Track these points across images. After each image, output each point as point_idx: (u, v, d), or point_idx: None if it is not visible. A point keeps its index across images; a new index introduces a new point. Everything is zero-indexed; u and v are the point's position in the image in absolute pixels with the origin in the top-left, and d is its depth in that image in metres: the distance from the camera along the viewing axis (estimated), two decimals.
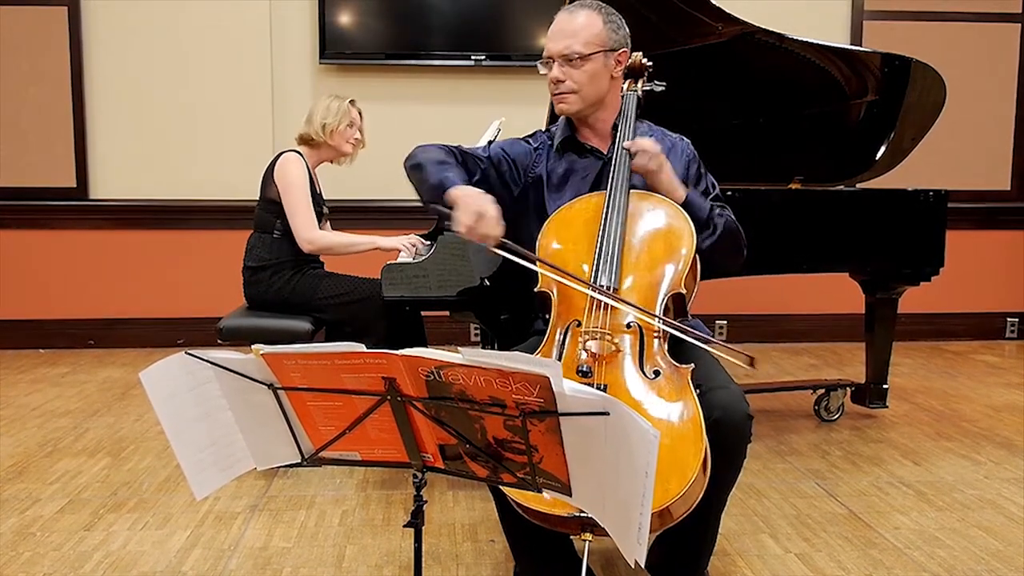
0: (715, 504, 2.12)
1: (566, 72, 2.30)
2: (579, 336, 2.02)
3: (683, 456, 1.82)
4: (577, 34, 2.28)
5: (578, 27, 2.29)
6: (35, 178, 5.36)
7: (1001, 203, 5.87)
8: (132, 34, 5.30)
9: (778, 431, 3.89)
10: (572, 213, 2.26)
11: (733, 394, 2.04)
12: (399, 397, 1.51)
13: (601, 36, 2.30)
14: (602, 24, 2.30)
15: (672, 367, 1.98)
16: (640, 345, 2.01)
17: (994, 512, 3.00)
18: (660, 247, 2.17)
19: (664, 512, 1.77)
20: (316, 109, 3.71)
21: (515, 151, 2.45)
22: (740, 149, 3.88)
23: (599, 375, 1.95)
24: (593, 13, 2.32)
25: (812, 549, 2.70)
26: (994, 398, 4.49)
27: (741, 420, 2.02)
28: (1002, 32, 5.74)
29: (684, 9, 3.42)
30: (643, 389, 1.95)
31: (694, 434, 1.85)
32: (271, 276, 3.57)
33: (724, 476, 2.04)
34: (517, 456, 1.51)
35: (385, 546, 2.72)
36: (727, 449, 1.98)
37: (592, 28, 2.29)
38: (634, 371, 1.98)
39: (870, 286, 3.93)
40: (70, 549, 2.67)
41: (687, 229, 2.18)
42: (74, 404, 4.25)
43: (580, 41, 2.28)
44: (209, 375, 1.59)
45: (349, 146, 3.75)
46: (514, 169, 2.42)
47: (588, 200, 2.28)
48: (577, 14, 2.31)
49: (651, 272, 2.13)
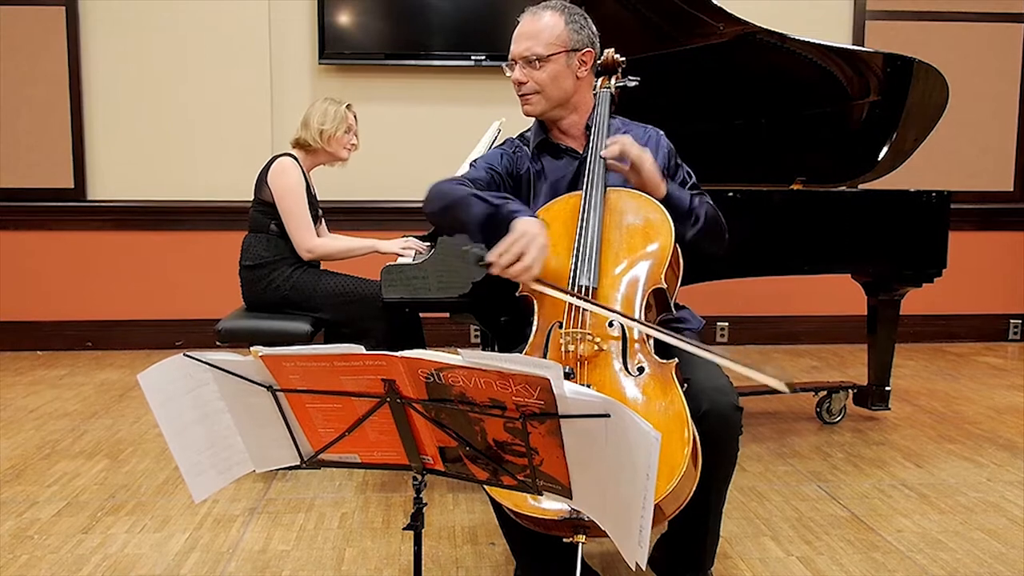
0: (712, 499, 2.11)
1: (528, 73, 2.31)
2: (560, 337, 2.01)
3: (669, 452, 1.79)
4: (538, 36, 2.30)
5: (539, 29, 2.31)
6: (33, 179, 5.35)
7: (1004, 204, 5.86)
8: (130, 34, 5.29)
9: (780, 433, 3.87)
10: (549, 215, 2.24)
11: (721, 386, 2.03)
12: (399, 399, 1.50)
13: (563, 37, 2.30)
14: (564, 25, 2.31)
15: (656, 363, 1.96)
16: (623, 343, 2.00)
17: (997, 515, 2.99)
18: (638, 243, 2.15)
19: (657, 510, 1.73)
20: (313, 114, 3.68)
21: (498, 164, 2.44)
22: (742, 150, 3.87)
23: (581, 375, 1.95)
24: (556, 14, 2.32)
25: (814, 552, 2.69)
26: (997, 400, 4.47)
27: (729, 411, 2.01)
28: (1005, 32, 5.73)
29: (685, 9, 3.41)
30: (627, 387, 1.93)
31: (679, 428, 1.82)
32: (270, 273, 3.56)
33: (717, 469, 2.03)
34: (517, 458, 1.51)
35: (385, 549, 2.71)
36: (717, 441, 1.97)
37: (554, 30, 2.30)
38: (618, 369, 1.96)
39: (872, 288, 3.92)
40: (68, 552, 2.65)
41: (665, 223, 2.16)
42: (72, 406, 4.23)
43: (541, 43, 2.29)
44: (207, 377, 1.59)
45: (346, 152, 3.75)
46: (505, 181, 2.42)
47: (565, 201, 2.27)
48: (539, 15, 2.33)
49: (630, 269, 2.12)
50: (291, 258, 3.60)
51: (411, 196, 5.22)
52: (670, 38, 3.52)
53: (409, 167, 5.31)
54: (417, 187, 5.68)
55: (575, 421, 1.42)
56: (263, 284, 3.57)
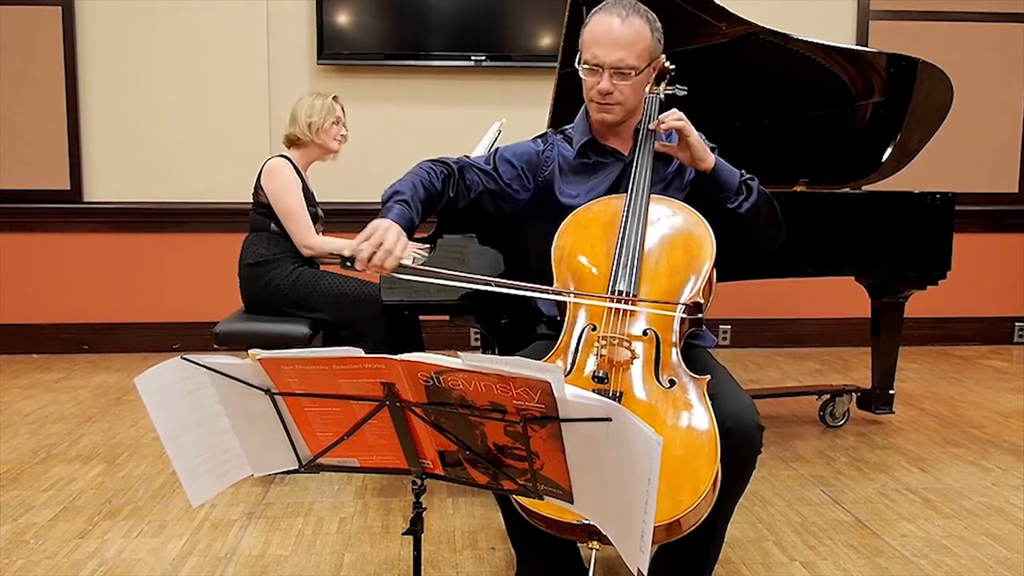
0: (721, 515, 2.10)
1: (616, 84, 2.23)
2: (594, 341, 2.01)
3: (697, 469, 1.80)
4: (632, 46, 2.20)
5: (632, 39, 2.19)
6: (28, 180, 5.32)
7: (1009, 206, 5.84)
8: (127, 34, 5.27)
9: (783, 437, 3.85)
10: (590, 214, 2.23)
11: (744, 405, 2.01)
12: (398, 402, 1.50)
13: (650, 48, 2.23)
14: (651, 35, 2.23)
15: (689, 377, 1.96)
16: (656, 353, 1.99)
17: (1002, 519, 2.98)
18: (680, 254, 2.15)
19: (673, 525, 1.75)
20: (299, 108, 3.70)
21: (523, 156, 2.39)
22: (744, 151, 3.82)
23: (614, 382, 1.94)
24: (643, 23, 2.22)
25: (817, 557, 2.68)
26: (1002, 404, 4.45)
27: (752, 430, 2.00)
28: (1010, 32, 5.72)
29: (687, 8, 3.38)
30: (658, 398, 1.93)
31: (710, 449, 1.82)
32: (270, 271, 3.55)
33: (732, 487, 2.01)
34: (518, 462, 1.51)
35: (384, 554, 2.69)
36: (737, 460, 1.96)
37: (644, 41, 2.21)
38: (649, 380, 1.96)
39: (876, 290, 3.90)
40: (64, 557, 2.64)
41: (707, 237, 2.15)
42: (68, 410, 4.21)
43: (634, 54, 2.20)
44: (205, 380, 1.58)
45: (336, 143, 3.75)
46: (524, 174, 2.37)
47: (607, 202, 2.25)
48: (629, 23, 2.20)
49: (670, 279, 2.11)
50: (291, 256, 3.59)
51: None
52: (671, 38, 3.48)
53: (408, 168, 5.25)
54: None
55: (576, 425, 1.41)
56: (262, 282, 3.55)
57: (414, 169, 2.32)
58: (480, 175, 2.33)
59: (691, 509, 1.75)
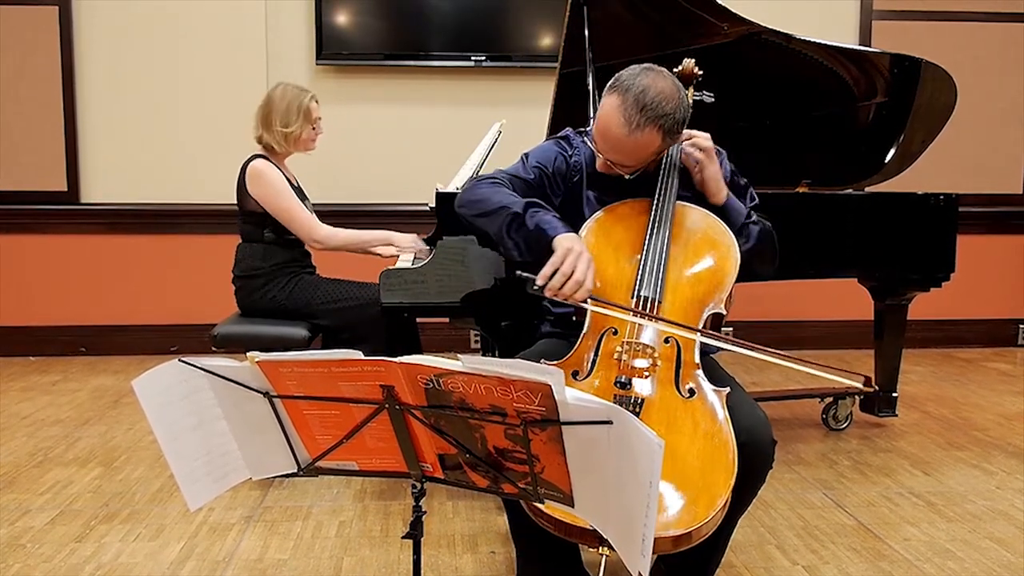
0: (726, 526, 2.08)
1: (627, 165, 2.21)
2: (615, 345, 2.00)
3: (714, 482, 1.80)
4: (636, 153, 2.14)
5: (636, 149, 2.13)
6: (25, 181, 5.29)
7: (1013, 207, 5.83)
8: (125, 34, 5.25)
9: (785, 440, 3.84)
10: (615, 216, 2.22)
11: (759, 419, 2.01)
12: (398, 405, 1.50)
13: (660, 146, 2.15)
14: (661, 139, 2.12)
15: (708, 389, 1.96)
16: (677, 362, 1.99)
17: (1006, 523, 2.97)
18: (704, 264, 2.15)
19: (683, 537, 1.75)
20: (274, 112, 3.50)
21: (552, 162, 2.36)
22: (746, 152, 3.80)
23: (635, 388, 1.94)
24: (653, 131, 2.09)
25: (820, 561, 2.66)
26: (1006, 406, 4.44)
27: (766, 445, 2.00)
28: (1014, 32, 5.70)
29: (689, 9, 3.37)
30: (678, 408, 1.93)
31: (728, 462, 1.82)
32: (264, 284, 3.47)
33: (741, 500, 2.01)
34: (518, 466, 1.51)
35: (383, 558, 2.68)
36: (750, 474, 1.95)
37: (652, 147, 2.13)
38: (670, 389, 1.96)
39: (879, 292, 3.89)
40: (61, 561, 2.62)
41: (732, 248, 2.16)
42: (65, 412, 4.19)
43: (641, 160, 2.17)
44: (203, 383, 1.59)
45: (313, 144, 3.62)
46: (555, 182, 2.36)
47: (633, 206, 2.24)
48: (634, 138, 2.10)
49: (693, 289, 2.10)
50: (287, 267, 3.51)
51: (410, 198, 5.21)
52: (674, 39, 3.48)
53: (408, 169, 5.28)
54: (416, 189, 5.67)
55: (577, 428, 1.41)
56: (258, 295, 3.49)
57: (489, 185, 2.27)
58: (525, 187, 2.31)
59: (706, 522, 1.75)
